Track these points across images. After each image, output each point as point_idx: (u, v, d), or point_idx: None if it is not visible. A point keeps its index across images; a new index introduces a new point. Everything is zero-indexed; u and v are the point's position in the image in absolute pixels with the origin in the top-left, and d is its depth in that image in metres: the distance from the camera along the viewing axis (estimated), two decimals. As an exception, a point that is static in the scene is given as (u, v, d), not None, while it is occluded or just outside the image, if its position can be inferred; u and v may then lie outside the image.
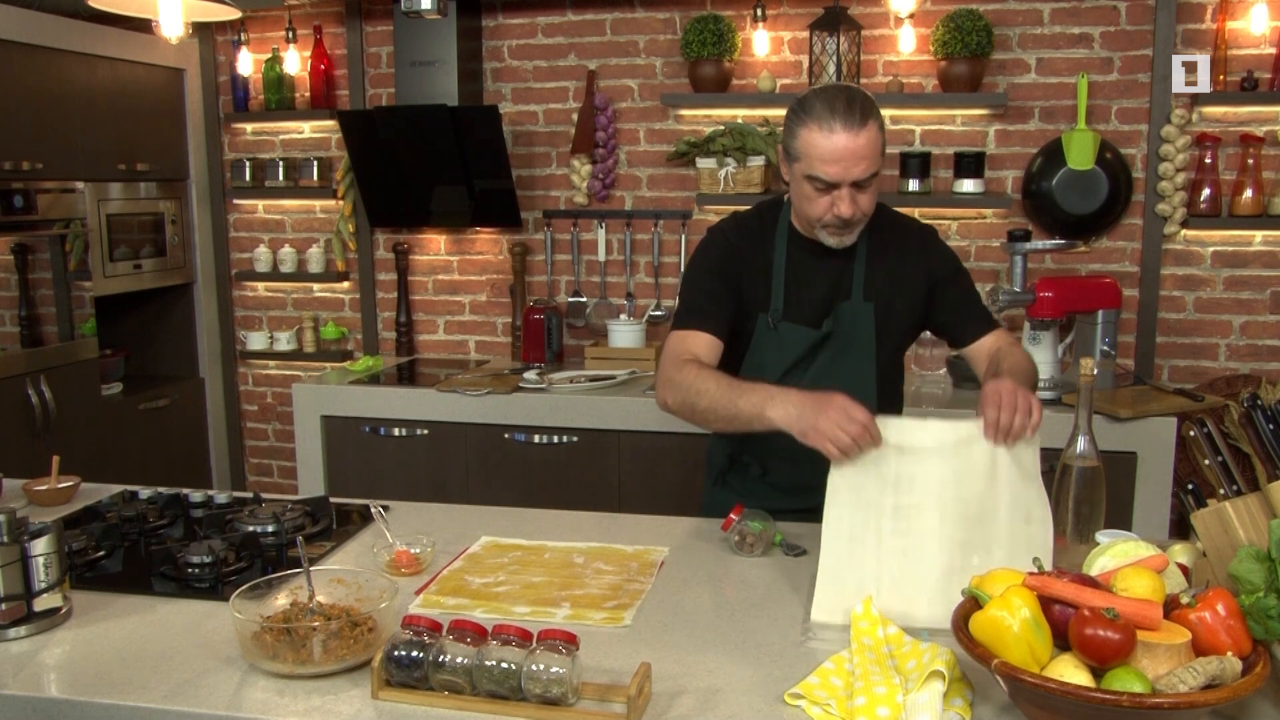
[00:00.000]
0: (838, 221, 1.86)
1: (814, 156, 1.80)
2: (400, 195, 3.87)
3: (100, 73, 3.69)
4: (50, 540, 1.51)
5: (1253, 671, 1.15)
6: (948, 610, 1.36)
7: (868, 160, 1.80)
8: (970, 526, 1.59)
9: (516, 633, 1.28)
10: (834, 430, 1.59)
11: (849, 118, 1.78)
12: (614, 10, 3.77)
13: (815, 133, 1.79)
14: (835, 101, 1.80)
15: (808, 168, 1.82)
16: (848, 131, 1.77)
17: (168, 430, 4.06)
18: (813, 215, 1.88)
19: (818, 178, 1.81)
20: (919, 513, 1.60)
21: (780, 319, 1.96)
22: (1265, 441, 1.55)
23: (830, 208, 1.84)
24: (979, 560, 1.56)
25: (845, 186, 1.81)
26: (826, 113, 1.79)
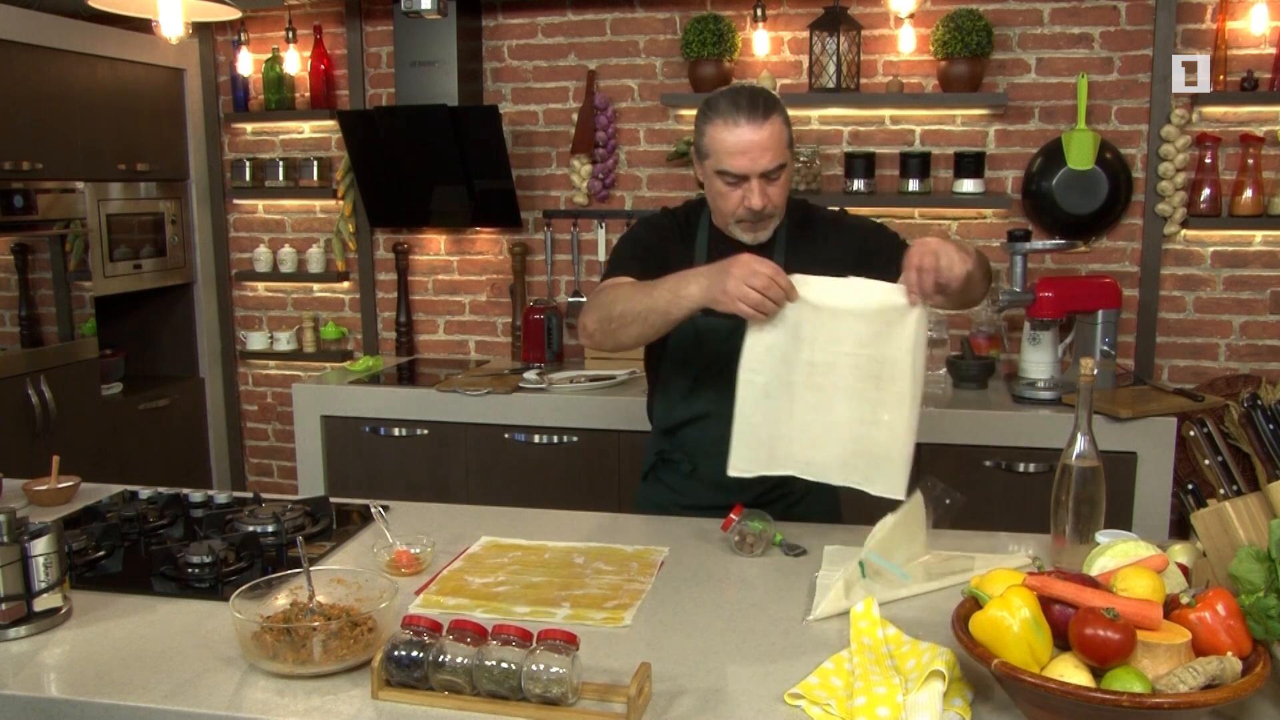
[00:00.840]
0: (749, 215, 1.91)
1: (721, 151, 1.86)
2: (400, 195, 3.87)
3: (100, 73, 3.69)
4: (50, 540, 1.51)
5: (1253, 671, 1.15)
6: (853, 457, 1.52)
7: (772, 152, 1.85)
8: (883, 385, 1.67)
9: (516, 633, 1.28)
10: (740, 288, 1.64)
11: (752, 111, 1.84)
12: (614, 10, 3.77)
13: (720, 129, 1.85)
14: (739, 98, 1.86)
15: (717, 163, 1.88)
16: (751, 124, 1.83)
17: (168, 430, 4.06)
18: (726, 210, 1.93)
19: (727, 171, 1.87)
20: (831, 370, 1.69)
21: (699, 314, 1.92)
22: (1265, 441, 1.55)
23: (741, 201, 1.89)
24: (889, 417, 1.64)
25: (754, 179, 1.86)
26: (731, 108, 1.85)
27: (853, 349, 1.68)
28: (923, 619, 1.52)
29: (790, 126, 1.91)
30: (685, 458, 2.09)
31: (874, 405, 1.68)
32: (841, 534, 1.92)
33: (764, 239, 1.96)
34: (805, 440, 1.72)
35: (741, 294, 1.64)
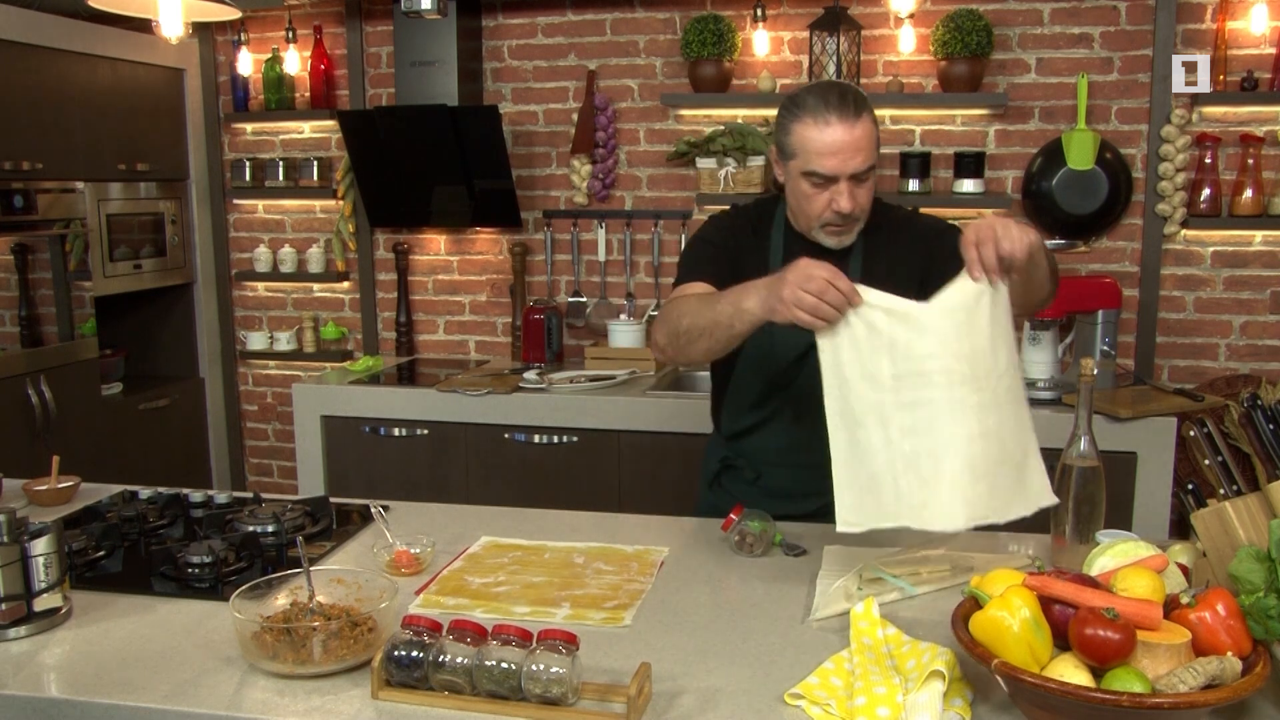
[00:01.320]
0: (837, 218, 1.83)
1: (810, 151, 1.78)
2: (400, 195, 3.87)
3: (100, 73, 3.69)
4: (50, 540, 1.51)
5: (1253, 671, 1.15)
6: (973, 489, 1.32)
7: (865, 152, 1.78)
8: (980, 386, 1.49)
9: (516, 633, 1.28)
10: (796, 293, 1.52)
11: (844, 110, 1.76)
12: (614, 10, 3.77)
13: (810, 127, 1.77)
14: (829, 95, 1.78)
15: (805, 163, 1.79)
16: (844, 123, 1.75)
17: (168, 430, 4.06)
18: (812, 213, 1.84)
19: (815, 172, 1.79)
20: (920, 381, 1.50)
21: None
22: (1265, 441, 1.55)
23: (829, 204, 1.81)
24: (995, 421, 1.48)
25: (844, 180, 1.79)
26: (821, 106, 1.76)
27: (937, 349, 1.50)
28: (923, 619, 1.52)
29: (878, 125, 1.83)
30: (749, 465, 2.03)
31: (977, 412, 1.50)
32: (842, 534, 1.92)
33: (847, 243, 1.88)
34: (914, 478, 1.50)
35: (797, 299, 1.52)
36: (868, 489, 1.51)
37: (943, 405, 1.50)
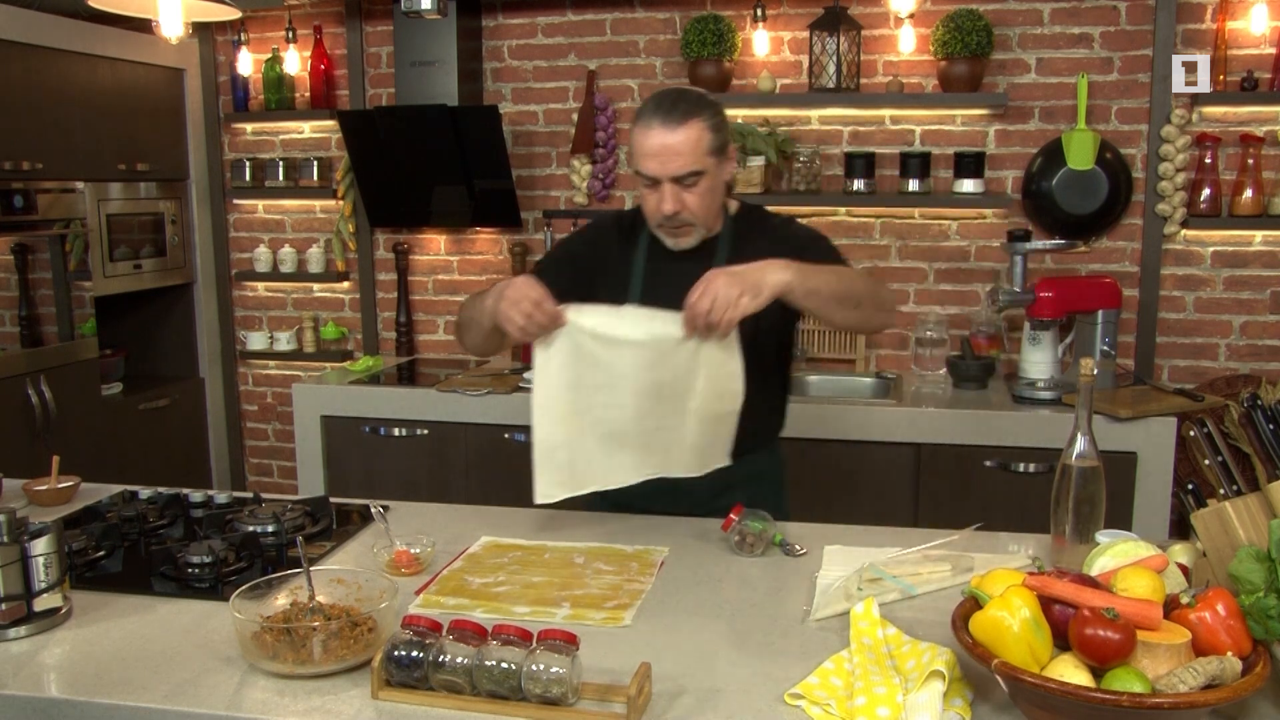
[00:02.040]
0: (663, 219, 1.90)
1: (637, 152, 1.87)
2: (400, 195, 3.87)
3: (100, 73, 3.69)
4: (50, 540, 1.51)
5: (1253, 671, 1.15)
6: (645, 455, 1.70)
7: (684, 157, 1.83)
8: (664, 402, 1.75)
9: (516, 633, 1.28)
10: (508, 310, 1.74)
11: (668, 115, 1.83)
12: (614, 10, 3.77)
13: (638, 129, 1.86)
14: (662, 100, 1.86)
15: (635, 164, 1.89)
16: (664, 128, 1.82)
17: (168, 430, 4.06)
18: (648, 211, 1.93)
19: (640, 173, 1.88)
20: (614, 391, 1.76)
21: None
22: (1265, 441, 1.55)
23: (658, 205, 1.89)
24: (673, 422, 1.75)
25: (666, 183, 1.85)
26: (649, 112, 1.85)
27: (631, 373, 1.75)
28: (923, 619, 1.52)
29: (720, 134, 1.87)
30: None
31: (658, 418, 1.77)
32: (842, 534, 1.92)
33: (685, 246, 1.95)
34: (602, 456, 1.82)
35: (507, 317, 1.74)
36: (563, 467, 1.80)
37: (631, 410, 1.77)
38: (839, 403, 3.20)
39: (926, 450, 3.08)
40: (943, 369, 3.47)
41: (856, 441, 3.11)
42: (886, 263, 3.68)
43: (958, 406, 3.12)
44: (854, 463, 3.12)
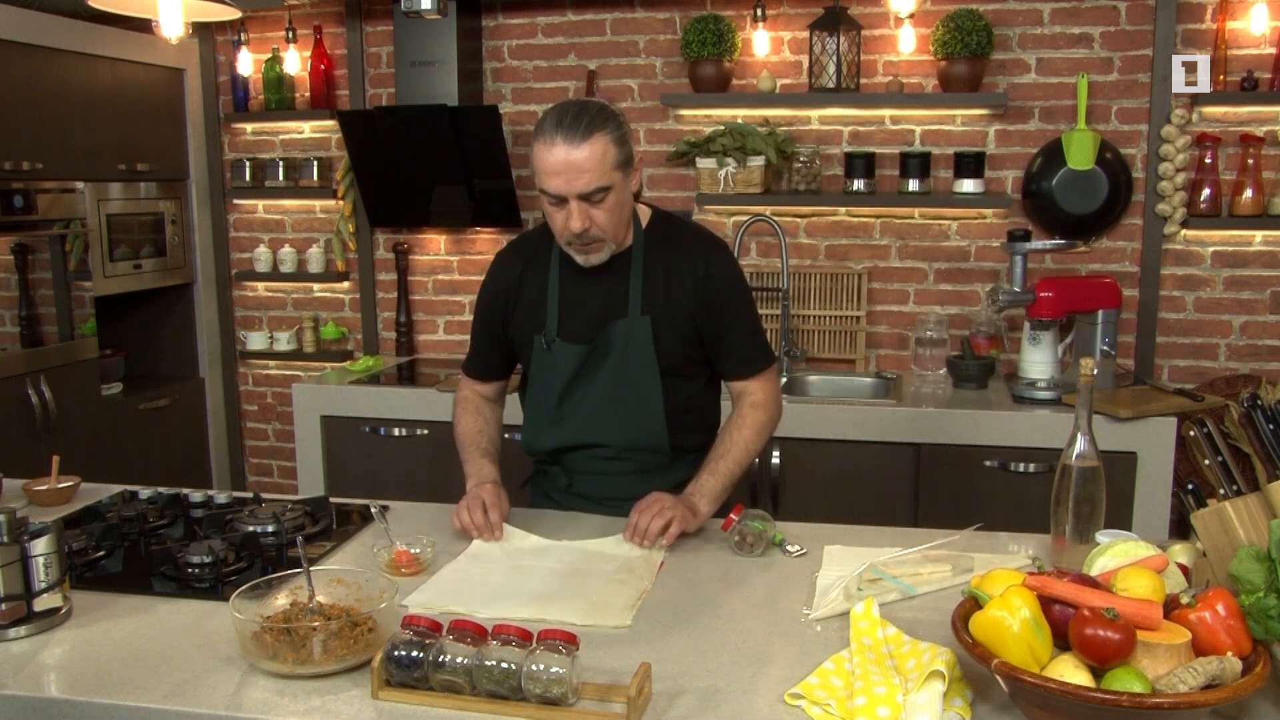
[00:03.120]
0: (572, 237, 1.86)
1: (540, 170, 1.82)
2: (400, 195, 3.87)
3: (100, 73, 3.69)
4: (50, 540, 1.51)
5: (1253, 671, 1.15)
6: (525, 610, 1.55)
7: (590, 174, 1.79)
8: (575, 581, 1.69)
9: (516, 633, 1.28)
10: (461, 511, 1.90)
11: (571, 131, 1.77)
12: (614, 10, 3.77)
13: (541, 146, 1.81)
14: (564, 115, 1.80)
15: (538, 182, 1.84)
16: (568, 144, 1.77)
17: (168, 430, 4.06)
18: (555, 230, 1.89)
19: (545, 191, 1.83)
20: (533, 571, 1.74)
21: (554, 339, 1.99)
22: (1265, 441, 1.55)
23: (566, 223, 1.84)
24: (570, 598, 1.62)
25: (572, 200, 1.81)
26: (552, 126, 1.79)
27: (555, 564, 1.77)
28: (923, 619, 1.52)
29: (625, 146, 1.84)
30: (562, 472, 2.13)
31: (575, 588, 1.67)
32: (842, 534, 1.92)
33: (596, 262, 1.92)
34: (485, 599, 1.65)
35: (459, 514, 1.90)
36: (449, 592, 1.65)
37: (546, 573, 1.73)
38: (839, 403, 3.20)
39: (926, 450, 3.08)
40: (943, 369, 3.47)
41: (856, 441, 3.11)
42: (886, 263, 3.68)
43: (958, 406, 3.12)
44: (854, 463, 3.12)
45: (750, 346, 2.03)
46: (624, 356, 1.96)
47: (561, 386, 2.01)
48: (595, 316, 1.97)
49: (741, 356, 2.02)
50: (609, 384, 1.98)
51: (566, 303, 1.99)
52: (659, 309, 1.96)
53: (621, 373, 1.97)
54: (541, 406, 2.06)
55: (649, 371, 1.96)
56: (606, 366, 1.97)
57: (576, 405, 2.01)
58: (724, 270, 2.00)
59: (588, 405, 2.00)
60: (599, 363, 1.97)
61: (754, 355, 2.03)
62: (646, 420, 1.99)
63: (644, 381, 1.97)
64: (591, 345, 1.97)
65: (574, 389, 2.00)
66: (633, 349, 1.96)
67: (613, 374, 1.97)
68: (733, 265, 2.04)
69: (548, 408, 2.05)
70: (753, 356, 2.03)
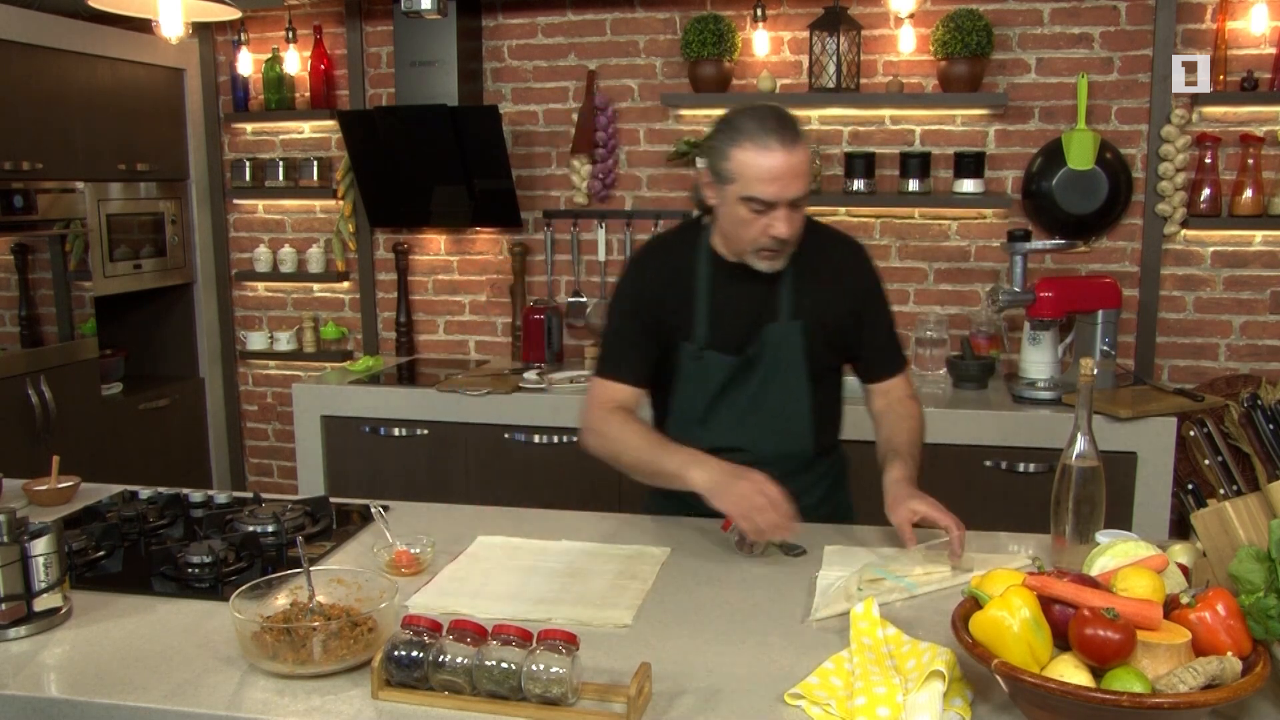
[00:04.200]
0: (774, 244, 1.83)
1: (751, 177, 1.76)
2: (400, 195, 3.87)
3: (100, 73, 3.69)
4: (50, 540, 1.51)
5: (1253, 671, 1.15)
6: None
7: (803, 179, 1.79)
8: (575, 581, 1.69)
9: (516, 633, 1.28)
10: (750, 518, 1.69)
11: (784, 135, 1.75)
12: (614, 10, 3.77)
13: (751, 152, 1.76)
14: (766, 120, 1.77)
15: (744, 189, 1.78)
16: (785, 149, 1.75)
17: (168, 430, 4.06)
18: (747, 238, 1.84)
19: (755, 198, 1.78)
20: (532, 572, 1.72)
21: (704, 347, 1.95)
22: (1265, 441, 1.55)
23: (765, 230, 1.81)
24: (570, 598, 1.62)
25: (782, 206, 1.78)
26: (760, 131, 1.75)
27: (555, 564, 1.76)
28: (923, 619, 1.52)
29: None
30: None
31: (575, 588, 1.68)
32: (841, 534, 1.92)
33: (779, 268, 1.89)
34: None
35: (746, 517, 1.70)
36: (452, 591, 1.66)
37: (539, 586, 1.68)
38: (839, 403, 3.19)
39: (926, 450, 3.06)
40: (943, 369, 3.47)
41: (857, 441, 3.10)
42: (886, 263, 3.68)
43: (958, 406, 3.12)
44: (854, 463, 3.11)
45: (893, 347, 2.04)
46: (774, 362, 1.94)
47: (712, 394, 1.97)
48: (745, 321, 1.94)
49: (886, 357, 2.03)
50: (758, 390, 1.95)
51: (716, 309, 1.95)
52: (808, 313, 1.94)
53: (771, 379, 1.95)
54: (687, 412, 2.01)
55: (799, 377, 1.95)
56: (756, 372, 1.95)
57: (723, 411, 1.97)
58: (869, 272, 2.02)
59: (734, 411, 1.96)
60: (749, 369, 1.95)
61: (897, 355, 2.05)
62: (793, 426, 1.98)
63: (793, 387, 1.95)
64: (743, 356, 1.94)
65: (722, 396, 1.97)
66: (783, 354, 1.94)
67: (762, 380, 1.95)
68: (874, 267, 2.04)
69: (694, 414, 1.99)
70: (896, 357, 2.05)
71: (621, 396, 1.97)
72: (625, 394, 1.98)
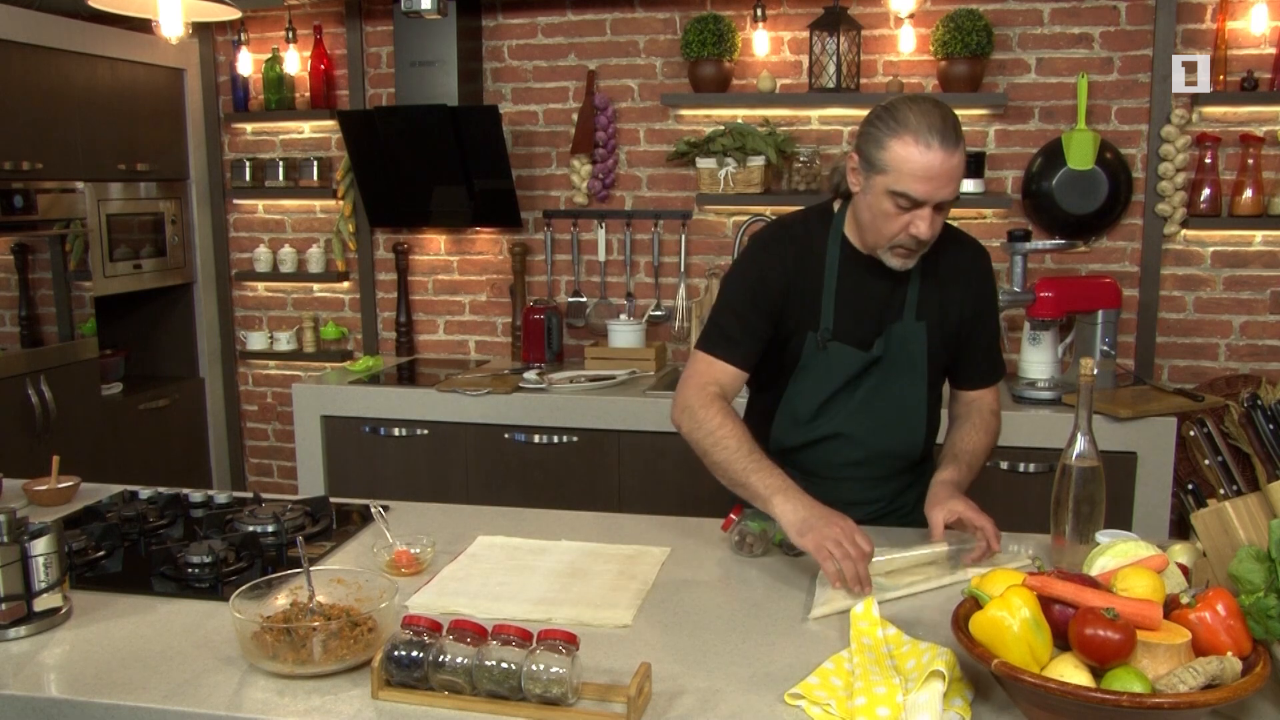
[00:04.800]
0: (912, 243, 1.76)
1: (905, 171, 1.69)
2: (400, 195, 3.87)
3: (100, 73, 3.69)
4: (50, 540, 1.51)
5: (1253, 671, 1.15)
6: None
7: (956, 183, 1.72)
8: (575, 581, 1.69)
9: (516, 633, 1.28)
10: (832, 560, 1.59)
11: (946, 135, 1.68)
12: (614, 10, 3.77)
13: (911, 146, 1.68)
14: (932, 116, 1.69)
15: (895, 182, 1.71)
16: (946, 150, 1.68)
17: (168, 430, 4.06)
18: (886, 232, 1.77)
19: (905, 194, 1.70)
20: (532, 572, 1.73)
21: (830, 339, 1.89)
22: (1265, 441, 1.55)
23: (907, 227, 1.74)
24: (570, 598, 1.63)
25: (929, 206, 1.72)
26: (924, 128, 1.68)
27: (555, 564, 1.77)
28: (923, 619, 1.52)
29: None
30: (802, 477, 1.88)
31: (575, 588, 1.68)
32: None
33: (910, 266, 1.83)
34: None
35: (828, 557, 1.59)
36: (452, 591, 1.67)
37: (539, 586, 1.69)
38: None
39: (926, 450, 3.07)
40: (943, 369, 3.47)
41: None
42: (886, 263, 3.68)
43: (958, 406, 3.11)
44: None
45: (995, 356, 2.03)
46: (898, 361, 1.91)
47: (833, 388, 1.91)
48: (870, 318, 1.90)
49: (987, 367, 2.02)
50: (875, 388, 1.92)
51: (842, 299, 1.88)
52: (931, 314, 1.91)
53: (893, 377, 1.91)
54: (801, 405, 1.94)
55: (918, 378, 1.92)
56: (881, 369, 1.91)
57: (840, 404, 1.93)
58: (989, 280, 1.98)
59: (849, 407, 1.92)
60: (875, 365, 1.91)
61: (997, 366, 2.04)
62: (909, 425, 1.95)
63: (911, 388, 1.93)
64: (870, 352, 1.90)
65: (841, 391, 1.92)
66: (905, 354, 1.90)
67: (880, 378, 1.91)
68: (993, 274, 2.01)
69: (809, 406, 1.93)
70: (996, 367, 2.03)
71: (726, 379, 1.88)
72: (730, 376, 1.88)
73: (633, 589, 1.64)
